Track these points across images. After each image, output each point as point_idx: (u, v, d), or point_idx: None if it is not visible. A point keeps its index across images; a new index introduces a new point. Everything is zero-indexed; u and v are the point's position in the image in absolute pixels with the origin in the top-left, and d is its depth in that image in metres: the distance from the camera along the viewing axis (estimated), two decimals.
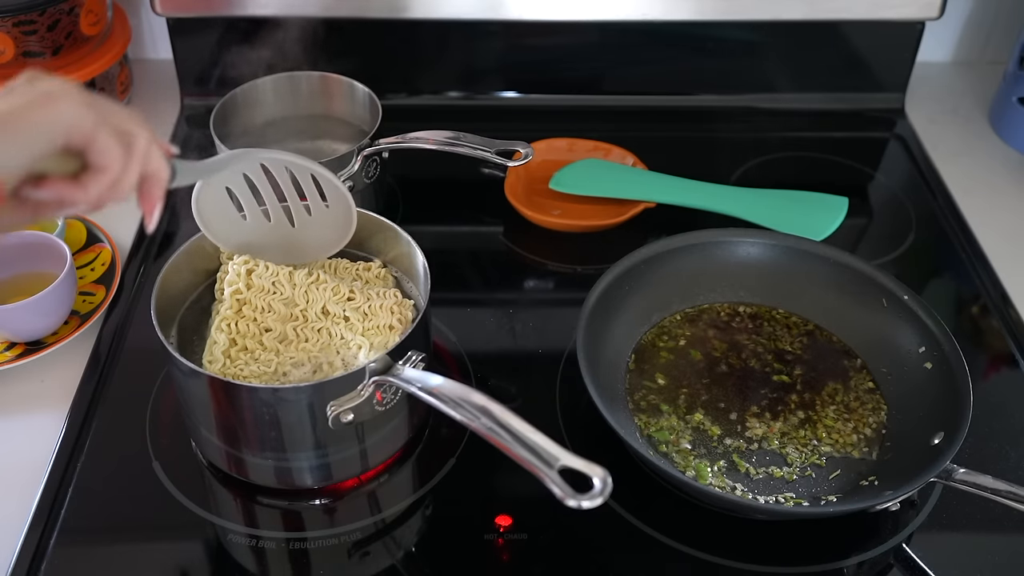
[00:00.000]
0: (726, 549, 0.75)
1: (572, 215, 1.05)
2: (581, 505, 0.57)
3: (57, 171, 0.55)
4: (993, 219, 1.08)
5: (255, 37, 1.11)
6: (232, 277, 0.79)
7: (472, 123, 1.02)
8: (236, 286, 0.78)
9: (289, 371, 0.75)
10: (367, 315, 0.78)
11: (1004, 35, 1.31)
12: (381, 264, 0.85)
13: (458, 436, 0.82)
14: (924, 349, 0.83)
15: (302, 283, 0.78)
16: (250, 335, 0.77)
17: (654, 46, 1.21)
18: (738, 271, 0.93)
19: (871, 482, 0.78)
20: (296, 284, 0.78)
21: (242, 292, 0.78)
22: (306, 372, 0.75)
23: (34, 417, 0.84)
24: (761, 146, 1.19)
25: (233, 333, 0.77)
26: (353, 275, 0.83)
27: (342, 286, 0.79)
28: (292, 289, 0.78)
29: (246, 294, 0.78)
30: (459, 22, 1.15)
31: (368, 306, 0.78)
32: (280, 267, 0.79)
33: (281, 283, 0.78)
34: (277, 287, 0.78)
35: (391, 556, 0.75)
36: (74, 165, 0.55)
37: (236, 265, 0.79)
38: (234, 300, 0.78)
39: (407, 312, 0.80)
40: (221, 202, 0.77)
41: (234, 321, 0.77)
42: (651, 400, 0.85)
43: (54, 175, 0.55)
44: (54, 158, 0.54)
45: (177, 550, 0.75)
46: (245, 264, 0.79)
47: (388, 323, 0.78)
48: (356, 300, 0.78)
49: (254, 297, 0.78)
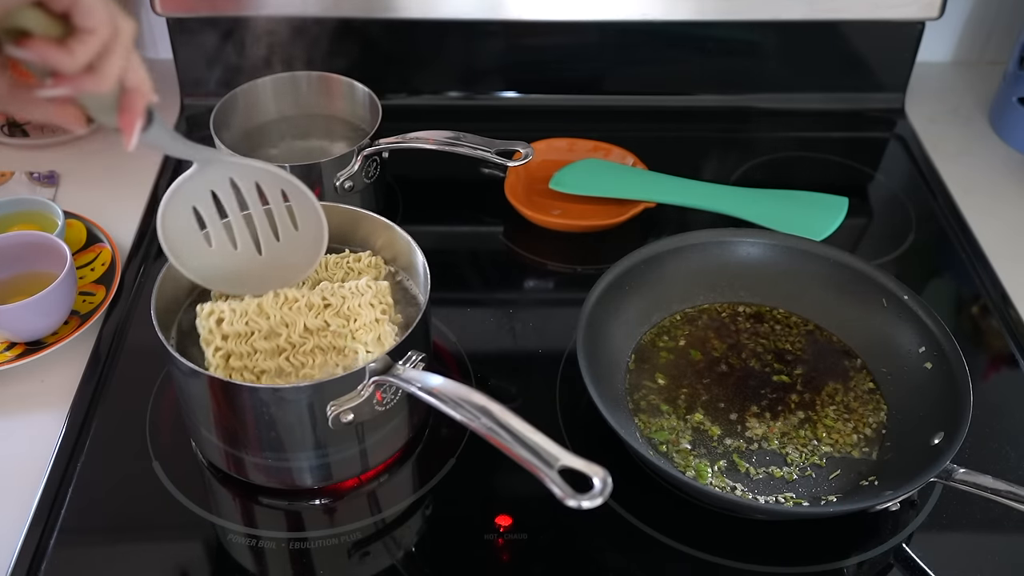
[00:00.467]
0: (726, 549, 0.75)
1: (572, 215, 1.05)
2: (581, 505, 0.57)
3: (41, 31, 0.54)
4: (993, 219, 1.08)
5: (255, 37, 1.11)
6: (206, 335, 0.74)
7: (472, 123, 1.02)
8: (214, 344, 0.74)
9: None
10: (349, 317, 0.76)
11: (1004, 35, 1.31)
12: (371, 253, 0.84)
13: (458, 436, 0.82)
14: (924, 349, 0.83)
15: (275, 311, 0.75)
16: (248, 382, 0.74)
17: (654, 46, 1.21)
18: (738, 271, 0.93)
19: (871, 482, 0.78)
20: (270, 315, 0.75)
21: (221, 346, 0.74)
22: None
23: (34, 417, 0.84)
24: (761, 146, 1.19)
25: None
26: (345, 268, 0.83)
27: (313, 296, 0.76)
28: (268, 320, 0.74)
29: (226, 346, 0.74)
30: (459, 22, 1.15)
31: (347, 307, 0.75)
32: (248, 302, 0.75)
33: (255, 320, 0.74)
34: (252, 326, 0.74)
35: (391, 556, 0.75)
36: (59, 30, 0.54)
37: (203, 321, 0.75)
38: (218, 359, 0.74)
39: (387, 297, 0.78)
40: (187, 224, 0.74)
41: (227, 375, 0.74)
42: (651, 400, 0.85)
43: (38, 34, 0.54)
44: (37, 15, 0.53)
45: (177, 550, 0.75)
46: (211, 316, 0.74)
47: (374, 317, 0.76)
48: (333, 304, 0.76)
49: (235, 346, 0.74)
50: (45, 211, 0.97)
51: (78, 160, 1.13)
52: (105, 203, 1.04)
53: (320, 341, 0.75)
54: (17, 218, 0.96)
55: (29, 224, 0.96)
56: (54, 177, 1.10)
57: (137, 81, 0.59)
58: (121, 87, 0.59)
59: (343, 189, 0.96)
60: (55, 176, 1.10)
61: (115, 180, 1.10)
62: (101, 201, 1.05)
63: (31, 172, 1.10)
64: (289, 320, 0.75)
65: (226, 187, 0.74)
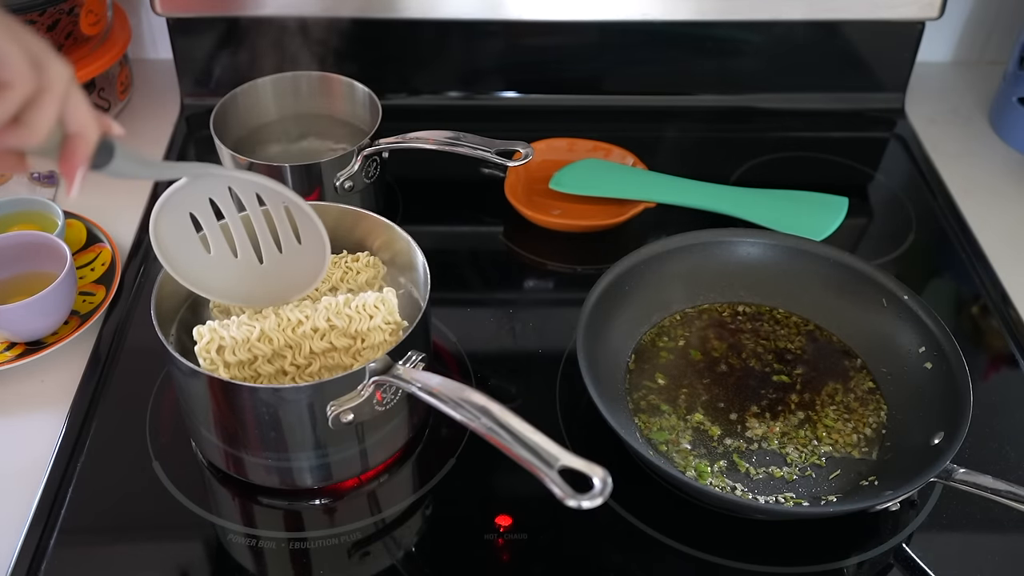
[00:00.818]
0: (726, 549, 0.75)
1: (572, 215, 1.05)
2: (581, 505, 0.57)
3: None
4: (993, 219, 1.08)
5: (255, 37, 1.11)
6: (207, 365, 0.72)
7: (472, 123, 1.02)
8: (216, 372, 0.73)
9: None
10: (356, 336, 0.75)
11: (1004, 35, 1.31)
12: (369, 254, 0.84)
13: (458, 436, 0.82)
14: (924, 349, 0.83)
15: (278, 335, 0.73)
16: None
17: (654, 46, 1.20)
18: (738, 271, 0.93)
19: (871, 482, 0.78)
20: (272, 339, 0.73)
21: (223, 375, 0.73)
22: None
23: (34, 417, 0.84)
24: (761, 146, 1.19)
25: None
26: (343, 268, 0.83)
27: (318, 319, 0.74)
28: (271, 345, 0.73)
29: (228, 373, 0.73)
30: (459, 22, 1.15)
31: (353, 329, 0.75)
32: (248, 329, 0.73)
33: (257, 345, 0.73)
34: (255, 351, 0.73)
35: (391, 556, 0.75)
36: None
37: (202, 352, 0.73)
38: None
39: (395, 315, 0.76)
40: (184, 232, 0.72)
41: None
42: (651, 400, 0.85)
43: None
44: None
45: (177, 550, 0.75)
46: (211, 344, 0.72)
47: (383, 339, 0.75)
48: (339, 327, 0.75)
49: (237, 371, 0.73)
50: (45, 211, 0.97)
51: None
52: (105, 203, 1.04)
53: (326, 362, 0.75)
54: (17, 218, 0.96)
55: (29, 224, 0.96)
56: (54, 177, 1.10)
57: (79, 126, 0.55)
58: (63, 132, 0.56)
59: (343, 189, 0.96)
60: (55, 176, 1.10)
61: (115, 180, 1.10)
62: (101, 201, 1.05)
63: (31, 172, 1.10)
64: (293, 343, 0.74)
65: (225, 195, 0.72)
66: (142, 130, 1.19)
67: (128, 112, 1.22)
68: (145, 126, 1.20)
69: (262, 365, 0.74)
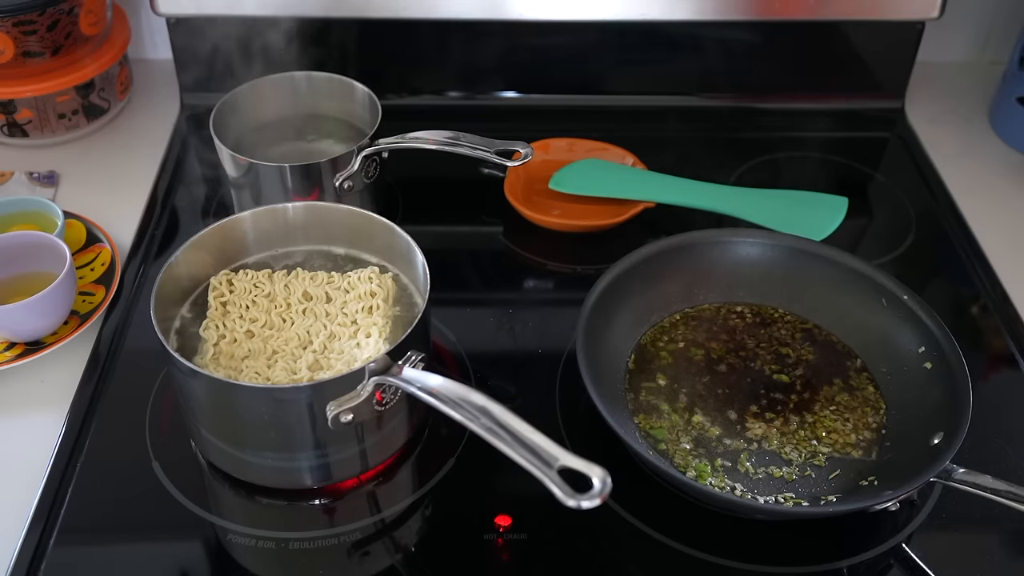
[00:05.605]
0: (726, 549, 0.75)
1: (572, 215, 1.05)
2: (581, 505, 0.57)
3: None
4: (993, 219, 1.08)
5: (255, 37, 1.11)
6: (215, 283, 0.83)
7: (472, 123, 1.02)
8: (219, 290, 0.83)
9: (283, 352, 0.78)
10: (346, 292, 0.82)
11: (1004, 35, 1.31)
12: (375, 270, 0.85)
13: (458, 436, 0.82)
14: (924, 349, 0.83)
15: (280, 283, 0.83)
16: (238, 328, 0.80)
17: (654, 46, 1.20)
18: (738, 271, 0.93)
19: (871, 482, 0.78)
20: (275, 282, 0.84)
21: (225, 293, 0.82)
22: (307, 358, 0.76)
23: (34, 417, 0.84)
24: (761, 146, 1.19)
25: (221, 329, 0.79)
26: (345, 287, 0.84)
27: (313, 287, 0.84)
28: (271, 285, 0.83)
29: (229, 297, 0.82)
30: (459, 22, 1.15)
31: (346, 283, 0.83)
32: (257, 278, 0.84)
33: (262, 281, 0.84)
34: (258, 286, 0.83)
35: (391, 556, 0.75)
36: None
37: (215, 281, 0.84)
38: (217, 302, 0.81)
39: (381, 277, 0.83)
40: None
41: (220, 321, 0.79)
42: (651, 400, 0.85)
43: None
44: None
45: (177, 550, 0.75)
46: (224, 277, 0.84)
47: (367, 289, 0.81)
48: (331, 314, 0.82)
49: (238, 297, 0.82)
50: (45, 211, 0.97)
51: (78, 160, 1.13)
52: (105, 203, 1.05)
53: (315, 308, 0.81)
54: (17, 218, 0.96)
55: (29, 224, 0.96)
56: (54, 177, 1.10)
57: None
58: None
59: (343, 189, 0.96)
60: (55, 176, 1.10)
61: (115, 180, 1.11)
62: (101, 201, 1.05)
63: (31, 172, 1.10)
64: (291, 286, 0.83)
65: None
66: (142, 130, 1.19)
67: (128, 112, 1.22)
68: (145, 126, 1.20)
69: (260, 299, 0.82)
